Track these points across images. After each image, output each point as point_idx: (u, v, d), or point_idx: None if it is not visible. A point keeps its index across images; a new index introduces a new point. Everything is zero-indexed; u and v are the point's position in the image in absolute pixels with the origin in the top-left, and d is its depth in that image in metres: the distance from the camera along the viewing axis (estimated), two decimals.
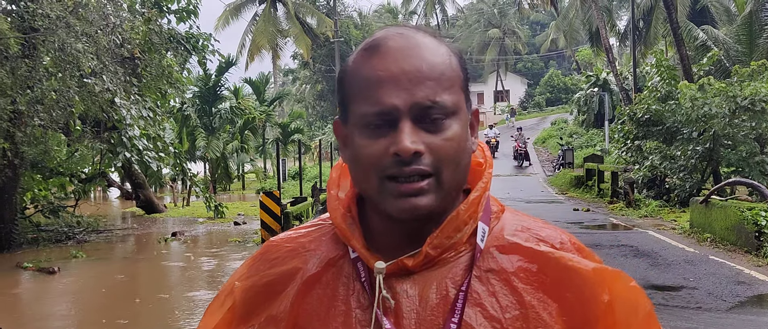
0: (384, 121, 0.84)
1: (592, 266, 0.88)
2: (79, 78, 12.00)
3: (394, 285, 0.87)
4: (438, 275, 0.88)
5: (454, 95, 0.86)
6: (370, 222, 0.92)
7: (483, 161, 0.96)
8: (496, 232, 0.92)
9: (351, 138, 0.88)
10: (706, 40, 22.61)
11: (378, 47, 0.86)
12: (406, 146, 0.81)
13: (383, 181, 0.84)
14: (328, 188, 0.97)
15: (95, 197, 28.42)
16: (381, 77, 0.84)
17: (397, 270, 0.88)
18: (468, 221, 0.89)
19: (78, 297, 9.69)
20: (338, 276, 0.91)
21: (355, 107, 0.87)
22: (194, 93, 29.31)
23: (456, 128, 0.85)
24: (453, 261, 0.89)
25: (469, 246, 0.89)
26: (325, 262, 0.92)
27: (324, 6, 44.47)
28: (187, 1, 16.89)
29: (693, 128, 14.65)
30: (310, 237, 0.97)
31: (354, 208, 0.93)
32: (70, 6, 11.47)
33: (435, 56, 0.86)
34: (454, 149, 0.85)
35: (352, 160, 0.89)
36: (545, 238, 0.92)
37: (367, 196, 0.89)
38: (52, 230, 15.35)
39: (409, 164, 0.82)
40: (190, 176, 18.58)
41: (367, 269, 0.89)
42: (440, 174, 0.84)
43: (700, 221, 11.38)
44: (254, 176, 34.88)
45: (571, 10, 36.60)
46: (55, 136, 14.52)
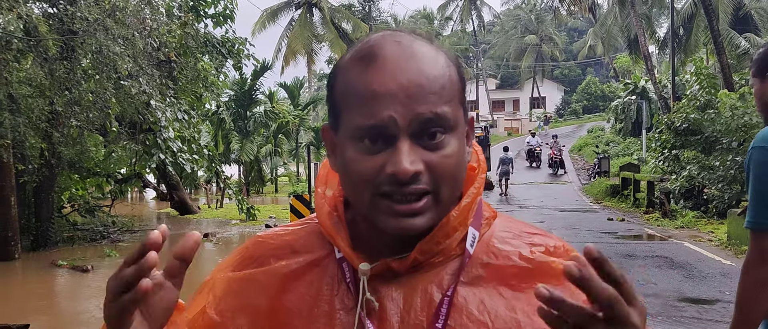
0: (380, 136, 0.79)
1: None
2: (115, 80, 12.22)
3: (379, 287, 0.85)
4: (424, 279, 0.85)
5: (453, 108, 0.82)
6: (356, 224, 0.89)
7: (476, 166, 0.92)
8: (486, 238, 0.89)
9: (341, 148, 0.84)
10: (749, 48, 22.09)
11: (374, 57, 0.81)
12: (405, 167, 0.77)
13: (376, 198, 0.80)
14: (315, 186, 0.95)
15: (132, 198, 28.94)
16: (376, 91, 0.79)
17: (383, 273, 0.85)
18: (458, 227, 0.86)
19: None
20: (322, 275, 0.88)
21: (348, 117, 0.82)
22: (229, 97, 29.65)
23: (454, 144, 0.82)
24: (440, 265, 0.86)
25: (459, 251, 0.87)
26: (310, 261, 0.90)
27: (359, 11, 44.66)
28: (223, 5, 17.11)
29: (733, 137, 14.28)
30: (296, 235, 0.94)
31: (341, 207, 0.91)
32: (108, 9, 11.69)
33: (434, 68, 0.82)
34: (453, 167, 0.81)
35: (342, 171, 0.85)
36: (536, 243, 0.89)
37: (357, 208, 0.86)
38: (88, 230, 15.65)
39: (407, 184, 0.78)
40: (224, 178, 18.79)
41: (353, 270, 0.86)
42: (439, 192, 0.81)
43: (738, 233, 11.06)
44: (287, 179, 35.14)
45: (609, 17, 36.13)
46: (93, 137, 14.80)
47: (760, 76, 2.16)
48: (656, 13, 34.51)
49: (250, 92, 30.56)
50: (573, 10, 49.26)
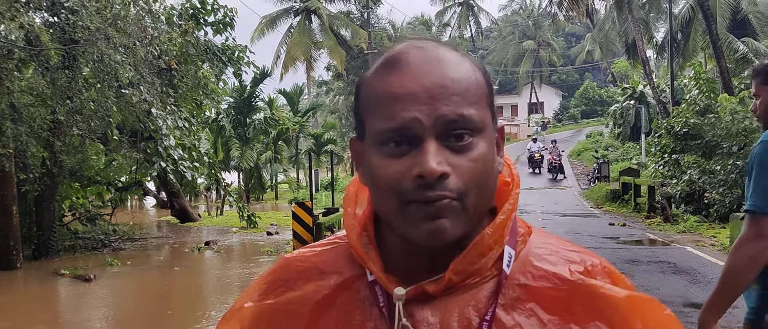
0: (404, 138, 0.78)
1: (625, 294, 0.83)
2: (117, 89, 12.23)
3: (414, 311, 0.82)
4: (460, 301, 0.82)
5: (480, 110, 0.80)
6: (387, 243, 0.86)
7: (510, 181, 0.89)
8: (522, 256, 0.86)
9: (367, 157, 0.82)
10: (747, 52, 22.14)
11: (398, 62, 0.80)
12: (432, 167, 0.75)
13: (404, 205, 0.78)
14: (344, 205, 0.92)
15: (132, 206, 28.90)
16: (398, 93, 0.78)
17: (417, 296, 0.82)
18: (493, 245, 0.83)
19: (113, 305, 9.81)
20: (354, 299, 0.85)
21: (372, 123, 0.81)
22: (229, 104, 29.67)
23: (483, 147, 0.79)
24: (476, 287, 0.83)
25: (495, 271, 0.84)
26: (341, 284, 0.87)
27: (358, 18, 44.71)
28: (223, 13, 17.16)
29: (733, 142, 14.30)
30: (324, 257, 0.91)
31: (371, 227, 0.88)
32: (110, 18, 11.71)
33: (459, 71, 0.81)
34: (481, 171, 0.79)
35: (369, 181, 0.83)
36: (575, 261, 0.86)
37: (387, 219, 0.83)
38: (89, 238, 15.62)
39: (433, 187, 0.76)
40: (224, 185, 18.79)
41: (385, 293, 0.83)
42: (466, 198, 0.78)
43: None
44: (287, 186, 35.12)
45: (607, 22, 36.18)
46: (94, 145, 14.80)
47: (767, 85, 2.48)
48: (654, 17, 34.57)
49: (250, 99, 30.58)
50: (570, 15, 49.33)
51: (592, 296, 0.82)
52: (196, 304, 9.54)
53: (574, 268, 0.85)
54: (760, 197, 2.27)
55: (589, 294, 0.82)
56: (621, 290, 0.83)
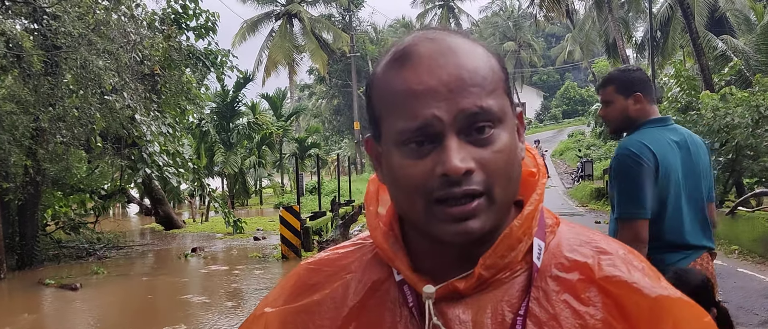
0: (425, 137, 0.76)
1: (657, 293, 0.80)
2: (100, 95, 12.10)
3: (445, 310, 0.80)
4: (492, 298, 0.80)
5: (499, 99, 0.78)
6: (413, 242, 0.84)
7: (535, 171, 0.87)
8: (553, 248, 0.83)
9: (387, 158, 0.80)
10: (726, 49, 22.38)
11: (409, 56, 0.78)
12: (456, 165, 0.73)
13: (431, 205, 0.76)
14: (365, 204, 0.90)
15: (115, 214, 28.61)
16: (416, 90, 0.75)
17: (448, 294, 0.80)
18: (522, 237, 0.81)
19: (99, 314, 9.70)
20: (383, 301, 0.83)
21: (390, 123, 0.78)
22: (212, 109, 29.49)
23: (505, 137, 0.77)
24: (508, 282, 0.81)
25: (525, 265, 0.81)
26: (369, 286, 0.85)
27: (340, 22, 44.70)
28: (205, 18, 17.05)
29: (715, 138, 14.45)
30: (350, 259, 0.89)
31: (396, 226, 0.86)
32: (92, 24, 11.60)
33: (474, 60, 0.78)
34: (505, 162, 0.77)
35: (391, 182, 0.80)
36: (607, 252, 0.83)
37: (411, 220, 0.81)
38: (73, 247, 15.45)
39: (459, 184, 0.74)
40: (209, 191, 18.64)
41: (415, 293, 0.81)
42: (492, 192, 0.76)
43: (726, 233, 11.20)
44: (272, 190, 34.98)
45: (587, 22, 36.51)
46: (77, 153, 14.64)
47: (624, 94, 2.73)
48: (633, 17, 34.92)
49: (233, 104, 30.43)
50: (551, 16, 49.69)
51: (626, 290, 0.79)
52: (183, 312, 9.46)
53: (606, 259, 0.82)
54: (628, 204, 2.51)
55: (622, 287, 0.80)
56: (655, 286, 0.80)
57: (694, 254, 2.61)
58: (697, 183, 2.70)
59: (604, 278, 0.80)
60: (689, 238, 2.61)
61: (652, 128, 2.69)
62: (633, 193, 2.51)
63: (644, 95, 2.73)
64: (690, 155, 2.69)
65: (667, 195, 2.58)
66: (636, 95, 2.72)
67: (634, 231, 2.48)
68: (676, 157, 2.63)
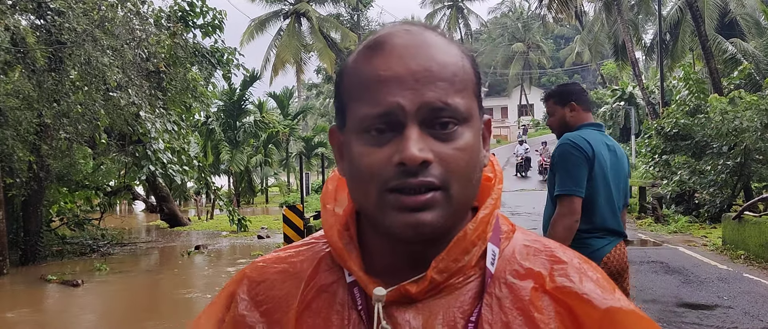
0: (387, 125, 0.74)
1: (608, 304, 0.78)
2: (104, 92, 12.09)
3: (395, 314, 0.78)
4: (444, 303, 0.78)
5: (466, 99, 0.77)
6: (368, 242, 0.82)
7: (492, 176, 0.86)
8: (507, 254, 0.82)
9: (348, 146, 0.79)
10: (736, 53, 22.22)
11: (382, 45, 0.77)
12: (413, 153, 0.72)
13: (384, 194, 0.74)
14: (322, 202, 0.88)
15: (120, 210, 28.68)
16: (384, 77, 0.75)
17: (399, 298, 0.78)
18: (477, 242, 0.79)
19: (101, 310, 9.68)
20: (331, 303, 0.81)
21: (354, 110, 0.77)
22: (219, 107, 29.51)
23: (468, 137, 0.76)
24: (461, 287, 0.79)
25: (479, 271, 0.80)
26: (317, 287, 0.82)
27: (348, 21, 44.68)
28: (212, 15, 17.03)
29: (723, 142, 14.33)
30: (300, 257, 0.86)
31: (353, 226, 0.84)
32: (97, 20, 11.58)
33: (446, 56, 0.77)
34: (466, 162, 0.75)
35: (349, 171, 0.79)
36: (561, 261, 0.82)
37: (365, 212, 0.79)
38: (77, 243, 15.45)
39: (415, 174, 0.73)
40: (214, 189, 18.64)
41: (365, 296, 0.79)
42: (449, 189, 0.74)
43: (732, 237, 11.08)
44: (278, 189, 34.99)
45: (596, 24, 36.31)
46: (81, 149, 14.64)
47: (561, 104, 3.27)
48: (643, 19, 34.72)
49: (240, 102, 30.44)
50: (560, 17, 49.52)
51: (577, 300, 0.78)
52: (186, 309, 9.42)
53: (558, 269, 0.81)
54: (566, 183, 2.97)
55: (573, 297, 0.78)
56: (606, 298, 0.79)
57: (616, 240, 3.07)
58: (619, 184, 3.15)
59: (555, 288, 0.79)
60: (614, 225, 3.07)
61: (589, 129, 3.18)
62: (572, 174, 2.97)
63: (578, 103, 3.25)
64: (617, 158, 3.17)
65: (599, 186, 3.02)
66: (571, 104, 3.26)
67: (571, 206, 2.93)
68: (607, 156, 3.09)
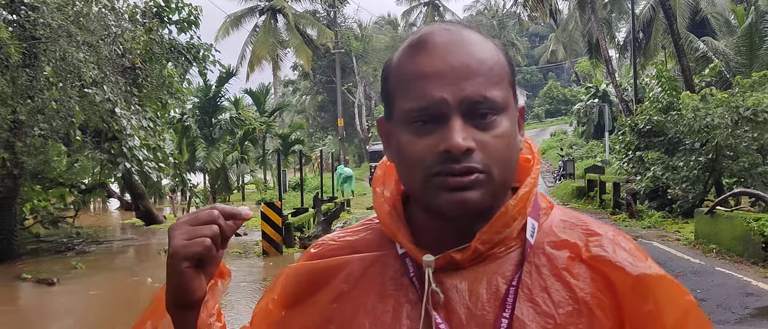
0: (431, 117, 0.82)
1: (639, 271, 0.86)
2: (79, 88, 11.95)
3: (443, 279, 0.86)
4: (488, 270, 0.87)
5: (503, 90, 0.84)
6: (416, 220, 0.91)
7: (530, 158, 0.95)
8: (546, 228, 0.90)
9: (395, 135, 0.87)
10: (707, 51, 22.63)
11: (424, 43, 0.85)
12: (458, 142, 0.79)
13: (430, 178, 0.82)
14: (373, 187, 0.96)
15: (95, 208, 28.31)
16: (427, 73, 0.83)
17: (446, 265, 0.86)
18: (517, 216, 0.87)
19: (77, 309, 9.59)
20: (385, 271, 0.90)
21: (400, 102, 0.85)
22: (194, 104, 29.28)
23: (506, 124, 0.84)
24: (503, 256, 0.87)
25: (519, 242, 0.88)
26: (372, 258, 0.92)
27: (324, 17, 44.57)
28: (188, 11, 16.91)
29: (695, 138, 14.60)
30: (357, 236, 0.96)
31: (399, 205, 0.92)
32: (72, 15, 11.44)
33: (483, 51, 0.85)
34: (505, 147, 0.83)
35: (397, 158, 0.87)
36: (596, 233, 0.89)
37: (413, 193, 0.88)
38: (52, 241, 15.26)
39: (459, 161, 0.80)
40: (190, 186, 18.52)
41: (415, 264, 0.88)
42: (490, 172, 0.82)
43: (705, 232, 11.31)
44: (254, 187, 34.79)
45: (570, 22, 36.68)
46: (56, 146, 14.46)
47: None
48: (616, 17, 35.15)
49: (215, 99, 30.23)
50: (534, 15, 49.92)
51: (611, 267, 0.86)
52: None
53: (593, 240, 0.88)
54: None
55: (607, 265, 0.86)
56: (637, 265, 0.86)
57: None
58: None
59: (591, 257, 0.87)
60: None
61: None
62: None
63: None
64: None
65: None
66: None
67: None
68: None
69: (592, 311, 0.84)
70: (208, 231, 0.84)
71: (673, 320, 0.84)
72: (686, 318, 0.85)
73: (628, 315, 0.84)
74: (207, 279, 0.88)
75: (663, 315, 0.84)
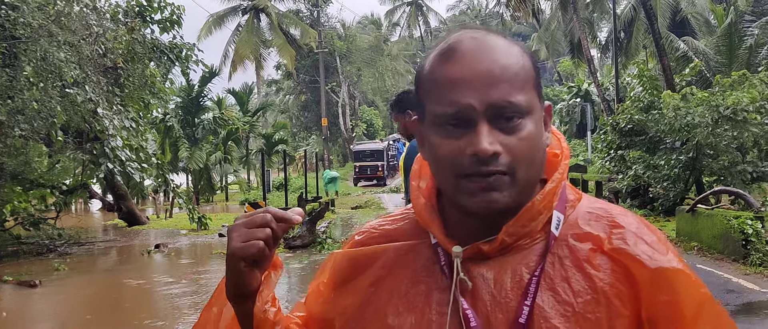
0: (459, 120, 0.88)
1: (656, 265, 0.90)
2: (61, 88, 11.84)
3: (471, 268, 0.93)
4: (513, 260, 0.93)
5: (527, 94, 0.90)
6: (448, 213, 0.98)
7: (559, 153, 0.99)
8: (571, 220, 0.95)
9: (428, 137, 0.93)
10: (687, 51, 22.88)
11: (452, 51, 0.91)
12: (485, 147, 0.86)
13: (460, 179, 0.89)
14: (411, 180, 1.03)
15: (76, 209, 28.04)
16: (456, 80, 0.89)
17: (474, 255, 0.93)
18: (543, 210, 0.93)
19: (59, 311, 9.50)
20: (418, 259, 0.98)
21: (431, 107, 0.91)
22: (177, 104, 29.11)
23: (530, 127, 0.89)
24: (528, 247, 0.93)
25: (544, 234, 0.94)
26: (408, 247, 1.00)
27: (307, 17, 44.47)
28: (170, 11, 16.81)
29: (676, 137, 14.74)
30: (395, 225, 1.05)
31: (434, 198, 1.00)
32: (53, 15, 11.33)
33: (508, 58, 0.90)
34: (529, 149, 0.89)
35: (430, 158, 0.95)
36: (618, 225, 0.94)
37: (445, 191, 0.95)
38: (33, 243, 15.09)
39: (486, 164, 0.87)
40: (173, 187, 18.40)
41: (446, 254, 0.95)
42: (515, 173, 0.88)
43: (686, 229, 11.43)
44: (238, 187, 34.66)
45: (552, 22, 36.89)
46: (37, 147, 14.31)
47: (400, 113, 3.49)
48: (598, 17, 35.43)
49: (198, 99, 30.07)
50: (517, 15, 50.17)
51: (630, 260, 0.91)
52: (145, 309, 9.32)
53: (616, 233, 0.93)
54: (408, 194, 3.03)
55: (627, 257, 0.91)
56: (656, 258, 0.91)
57: None
58: None
59: (612, 249, 0.92)
60: None
61: None
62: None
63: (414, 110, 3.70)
64: None
65: None
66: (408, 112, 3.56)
67: None
68: None
69: (610, 300, 0.89)
70: (262, 234, 0.92)
71: (689, 311, 0.89)
72: (702, 309, 0.90)
73: (645, 304, 0.89)
74: (261, 272, 0.96)
75: (680, 306, 0.89)
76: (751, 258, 9.16)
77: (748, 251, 9.29)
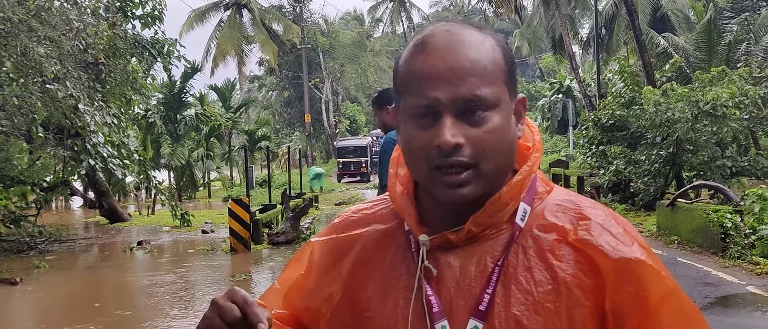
0: (429, 113, 0.91)
1: (619, 255, 0.91)
2: (41, 84, 11.71)
3: (439, 256, 0.96)
4: (479, 250, 0.96)
5: (496, 87, 0.92)
6: (422, 200, 1.01)
7: (531, 145, 1.01)
8: (538, 211, 0.97)
9: (403, 127, 0.96)
10: (667, 47, 23.11)
11: (425, 44, 0.93)
12: (446, 139, 0.88)
13: (432, 171, 0.91)
14: (390, 167, 1.07)
15: (58, 207, 27.74)
16: (426, 73, 0.91)
17: (443, 244, 0.96)
18: (509, 202, 0.95)
19: (40, 308, 9.42)
20: (392, 244, 1.02)
21: (406, 99, 0.94)
22: (159, 100, 28.85)
23: (497, 120, 0.91)
24: (494, 237, 0.96)
25: (511, 225, 0.96)
26: (383, 232, 1.04)
27: (290, 13, 44.30)
28: (152, 6, 16.66)
29: (657, 132, 14.90)
30: (374, 210, 1.08)
31: (410, 186, 1.03)
32: (33, 9, 11.21)
33: (478, 52, 0.92)
34: (495, 141, 0.91)
35: (404, 148, 0.97)
36: (585, 217, 0.96)
37: (419, 180, 0.98)
38: (14, 241, 14.92)
39: (450, 155, 0.89)
40: (155, 184, 18.26)
41: (417, 241, 0.98)
42: (480, 165, 0.90)
43: (666, 224, 11.58)
44: (220, 183, 34.47)
45: (534, 18, 37.07)
46: (17, 143, 14.15)
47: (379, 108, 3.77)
48: (579, 14, 35.66)
49: (180, 95, 29.85)
50: (500, 11, 50.32)
51: (593, 250, 0.92)
52: (128, 306, 9.28)
53: (582, 224, 0.95)
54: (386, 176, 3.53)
55: (590, 247, 0.93)
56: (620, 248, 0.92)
57: None
58: None
59: (577, 240, 0.94)
60: None
61: None
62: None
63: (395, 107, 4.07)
64: None
65: None
66: (386, 107, 3.77)
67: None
68: None
69: (571, 290, 0.91)
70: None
71: (653, 301, 0.91)
72: (665, 300, 0.91)
73: (609, 294, 0.91)
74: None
75: (644, 296, 0.90)
76: (729, 251, 9.31)
77: (727, 244, 9.43)
